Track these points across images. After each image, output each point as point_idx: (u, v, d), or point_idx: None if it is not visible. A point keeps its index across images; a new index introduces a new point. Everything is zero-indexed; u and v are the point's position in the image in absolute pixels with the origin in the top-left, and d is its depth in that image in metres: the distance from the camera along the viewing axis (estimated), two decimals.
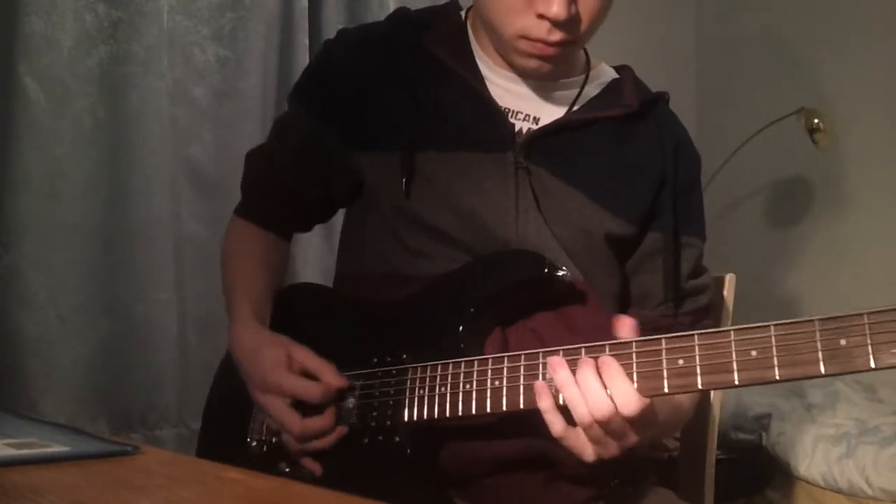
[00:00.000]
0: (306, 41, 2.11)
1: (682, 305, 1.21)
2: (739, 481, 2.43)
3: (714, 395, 1.40)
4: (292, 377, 1.10)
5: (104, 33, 1.84)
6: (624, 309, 1.20)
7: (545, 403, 0.94)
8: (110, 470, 0.81)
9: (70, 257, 1.79)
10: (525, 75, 1.18)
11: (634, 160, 1.19)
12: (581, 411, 0.91)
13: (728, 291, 1.38)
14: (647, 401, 0.91)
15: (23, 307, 1.73)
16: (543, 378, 0.96)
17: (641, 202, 1.18)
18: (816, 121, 2.83)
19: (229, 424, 1.21)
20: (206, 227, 1.96)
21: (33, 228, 1.74)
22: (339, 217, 1.35)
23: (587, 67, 1.25)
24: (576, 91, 1.21)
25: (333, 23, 2.16)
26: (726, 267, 1.41)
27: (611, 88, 1.23)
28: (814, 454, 2.37)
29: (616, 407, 0.90)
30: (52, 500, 0.70)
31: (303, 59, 2.07)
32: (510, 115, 1.18)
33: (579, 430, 0.93)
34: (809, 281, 3.02)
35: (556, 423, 0.94)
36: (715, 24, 3.43)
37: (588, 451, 0.94)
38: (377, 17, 1.33)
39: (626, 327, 0.95)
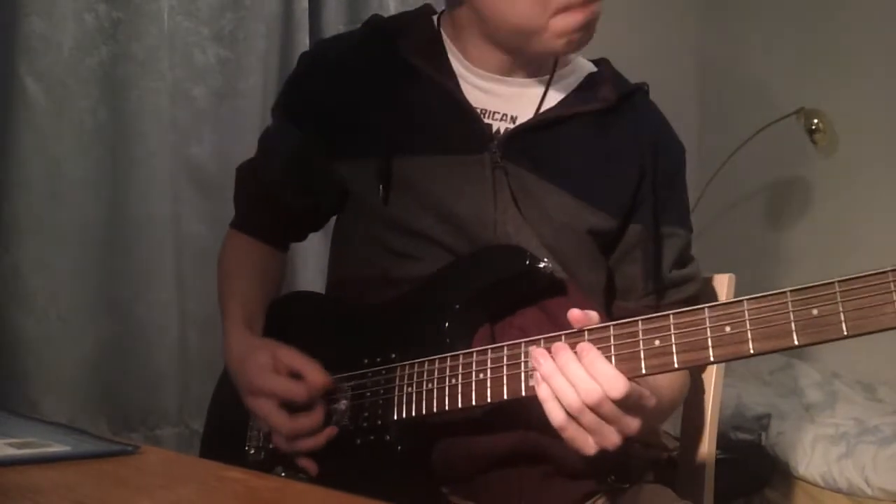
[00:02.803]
0: (307, 41, 2.11)
1: (666, 296, 1.22)
2: (739, 481, 2.44)
3: (712, 394, 1.40)
4: (278, 378, 1.11)
5: (104, 34, 1.84)
6: (610, 302, 1.21)
7: (545, 392, 0.92)
8: (111, 469, 0.82)
9: (70, 257, 1.79)
10: (543, 59, 1.19)
11: (613, 154, 1.20)
12: (570, 399, 0.90)
13: (727, 291, 1.39)
14: (632, 383, 0.91)
15: (23, 307, 1.73)
16: (526, 366, 0.96)
17: (622, 195, 1.19)
18: (816, 121, 2.84)
19: (228, 433, 1.22)
20: (207, 227, 1.96)
21: (33, 229, 1.74)
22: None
23: (555, 63, 1.24)
24: (549, 86, 1.22)
25: (334, 23, 2.16)
26: (725, 267, 1.41)
27: (588, 83, 1.24)
28: (813, 454, 2.38)
29: (604, 391, 0.89)
30: (52, 500, 0.71)
31: None
32: (486, 115, 1.19)
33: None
34: (808, 281, 3.02)
35: (556, 413, 0.92)
36: (715, 24, 3.43)
37: (588, 442, 0.93)
38: None
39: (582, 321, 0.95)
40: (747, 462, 2.48)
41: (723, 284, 1.39)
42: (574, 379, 0.90)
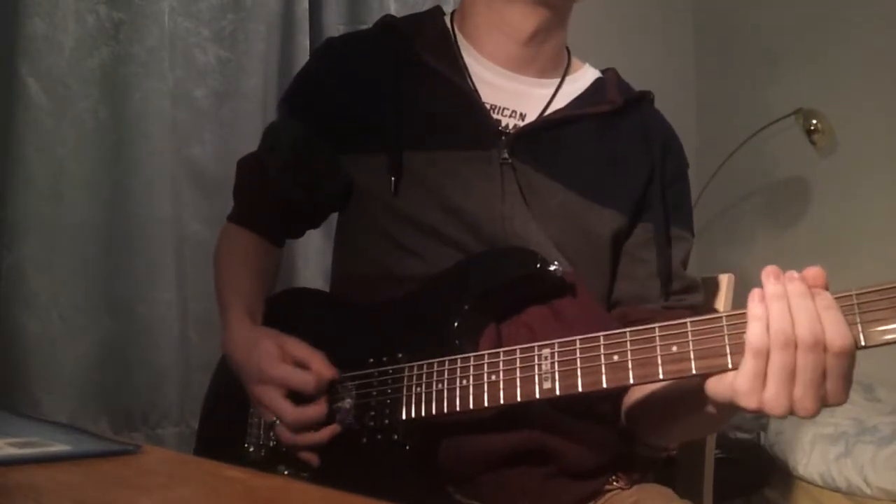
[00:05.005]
0: (307, 42, 2.12)
1: (683, 299, 1.21)
2: (738, 480, 2.44)
3: None
4: (285, 367, 1.11)
5: (106, 35, 1.85)
6: (612, 299, 1.21)
7: (756, 311, 0.83)
8: (112, 469, 0.81)
9: (72, 257, 1.80)
10: (542, 11, 1.20)
11: (620, 155, 1.22)
12: (782, 326, 0.81)
13: (726, 291, 1.39)
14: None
15: (25, 307, 1.73)
16: (539, 369, 0.96)
17: (629, 196, 1.20)
18: (815, 122, 2.84)
19: (226, 431, 1.22)
20: (207, 226, 1.96)
21: (35, 228, 1.75)
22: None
23: (569, 66, 1.28)
24: (560, 88, 1.24)
25: (334, 24, 2.17)
26: (724, 267, 1.42)
27: (595, 87, 1.26)
28: (812, 453, 2.38)
29: (826, 336, 0.80)
30: (53, 500, 0.71)
31: (303, 60, 2.07)
32: (496, 111, 1.20)
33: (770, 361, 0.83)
34: None
35: (757, 335, 0.82)
36: (713, 25, 3.43)
37: (766, 396, 0.83)
38: (378, 18, 1.35)
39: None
40: (746, 461, 2.48)
41: (722, 284, 1.39)
42: (798, 310, 0.82)
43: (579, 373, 0.94)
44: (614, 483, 1.18)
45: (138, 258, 1.88)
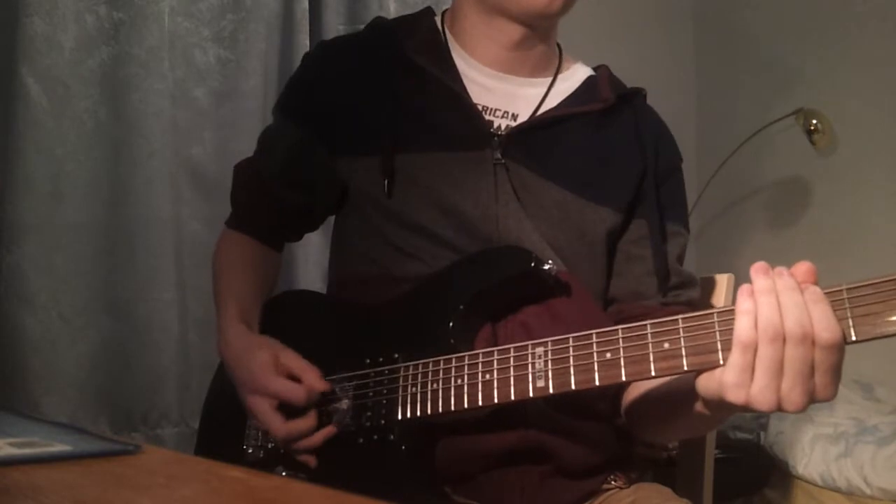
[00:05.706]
0: (307, 42, 2.12)
1: (680, 294, 1.22)
2: (738, 480, 2.44)
3: None
4: (278, 379, 1.11)
5: (105, 35, 1.85)
6: (608, 297, 1.21)
7: (745, 305, 0.83)
8: (112, 469, 0.81)
9: (72, 257, 1.80)
10: (532, 21, 1.20)
11: (614, 152, 1.22)
12: (770, 320, 0.81)
13: (726, 291, 1.39)
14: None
15: (25, 307, 1.74)
16: (533, 367, 0.96)
17: (623, 192, 1.20)
18: (815, 122, 2.84)
19: (225, 432, 1.22)
20: (207, 226, 1.97)
21: (35, 228, 1.75)
22: None
23: (560, 64, 1.28)
24: (552, 87, 1.25)
25: (334, 24, 2.17)
26: (725, 267, 1.42)
27: (587, 85, 1.27)
28: (812, 453, 2.38)
29: (813, 328, 0.80)
30: (53, 500, 0.71)
31: None
32: (488, 112, 1.21)
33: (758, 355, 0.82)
34: None
35: (745, 328, 0.82)
36: (714, 25, 3.43)
37: (753, 390, 0.82)
38: None
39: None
40: (746, 461, 2.48)
41: (722, 284, 1.39)
42: (786, 304, 0.81)
43: (572, 371, 0.94)
44: (612, 482, 1.18)
45: (138, 258, 1.88)
